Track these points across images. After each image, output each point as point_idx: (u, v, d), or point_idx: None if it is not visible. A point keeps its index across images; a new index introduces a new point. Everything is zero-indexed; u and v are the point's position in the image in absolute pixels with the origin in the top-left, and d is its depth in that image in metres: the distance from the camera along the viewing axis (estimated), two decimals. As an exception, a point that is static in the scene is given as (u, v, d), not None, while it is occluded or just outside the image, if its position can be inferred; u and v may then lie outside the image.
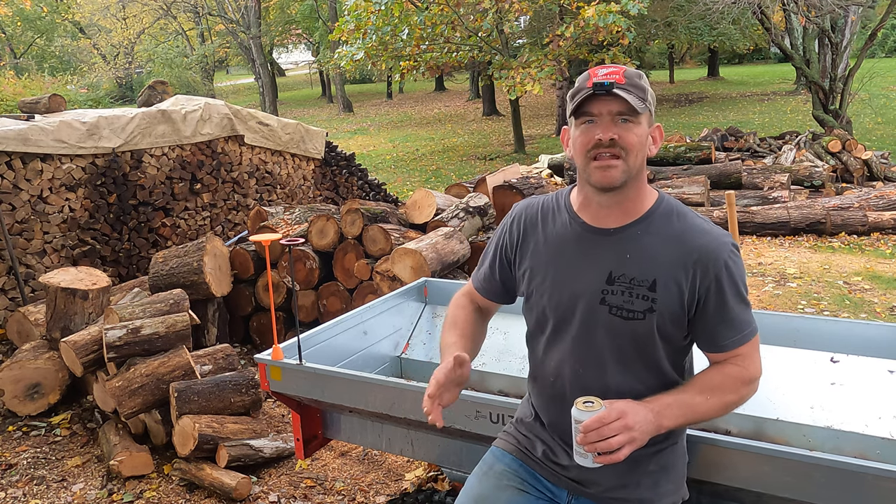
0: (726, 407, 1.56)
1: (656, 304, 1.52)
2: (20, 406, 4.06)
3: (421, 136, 19.36)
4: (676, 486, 1.66)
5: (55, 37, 29.91)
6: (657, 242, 1.55)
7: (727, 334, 1.56)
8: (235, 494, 3.30)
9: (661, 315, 1.53)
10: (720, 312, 1.54)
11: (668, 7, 17.91)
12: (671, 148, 10.37)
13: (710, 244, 1.54)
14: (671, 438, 1.63)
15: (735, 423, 2.43)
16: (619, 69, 1.52)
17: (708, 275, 1.52)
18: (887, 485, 1.59)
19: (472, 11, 13.42)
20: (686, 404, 1.52)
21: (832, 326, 2.57)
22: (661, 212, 1.59)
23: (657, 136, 1.62)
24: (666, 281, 1.52)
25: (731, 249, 1.55)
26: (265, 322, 5.05)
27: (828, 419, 2.32)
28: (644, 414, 1.45)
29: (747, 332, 1.56)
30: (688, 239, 1.54)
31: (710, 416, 1.55)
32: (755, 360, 1.58)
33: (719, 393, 1.53)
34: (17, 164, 4.96)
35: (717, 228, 1.59)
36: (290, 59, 52.50)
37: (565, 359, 1.62)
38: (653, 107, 1.57)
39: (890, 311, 5.46)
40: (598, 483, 1.62)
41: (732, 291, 1.54)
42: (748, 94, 23.53)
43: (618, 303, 1.54)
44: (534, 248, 1.68)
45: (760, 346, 1.63)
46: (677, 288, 1.53)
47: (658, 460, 1.61)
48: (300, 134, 6.93)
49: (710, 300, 1.54)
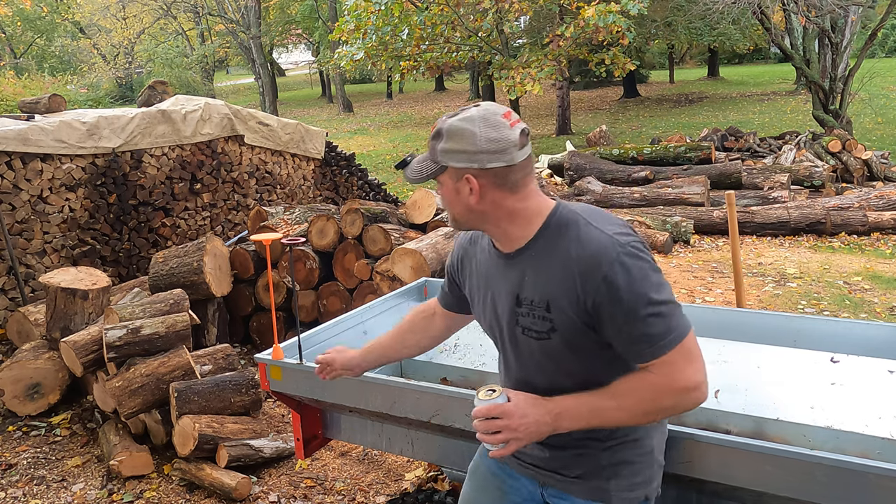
0: (646, 414, 1.47)
1: (555, 323, 1.49)
2: (20, 406, 4.06)
3: (421, 136, 19.36)
4: (635, 483, 1.60)
5: (55, 37, 29.94)
6: (548, 261, 1.50)
7: (638, 346, 1.43)
8: (235, 494, 3.30)
9: (563, 334, 1.49)
10: (624, 323, 1.42)
11: (668, 7, 17.92)
12: (671, 148, 10.38)
13: (595, 252, 1.42)
14: (619, 436, 1.57)
15: (735, 423, 2.43)
16: (434, 127, 1.55)
17: (595, 285, 1.42)
18: (888, 484, 1.58)
19: (472, 11, 13.43)
20: (592, 408, 1.47)
21: (832, 326, 2.57)
22: (552, 229, 1.51)
23: (473, 186, 1.50)
24: (558, 300, 1.47)
25: (620, 253, 1.41)
26: (265, 322, 5.05)
27: (828, 419, 2.32)
28: (536, 414, 1.46)
29: (664, 342, 1.41)
30: (573, 251, 1.46)
31: (624, 421, 1.49)
32: (683, 369, 1.42)
33: (633, 399, 1.45)
34: (17, 164, 4.96)
35: (610, 232, 1.45)
36: (290, 59, 52.53)
37: (509, 373, 1.68)
38: (459, 157, 1.49)
39: (890, 311, 5.46)
40: (555, 472, 1.64)
41: (631, 298, 1.40)
42: (748, 94, 23.53)
43: (527, 324, 1.54)
44: (469, 272, 1.73)
45: (762, 347, 1.62)
46: (569, 304, 1.46)
47: (610, 456, 1.58)
48: (300, 134, 6.93)
49: (605, 310, 1.42)
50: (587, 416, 1.48)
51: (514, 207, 1.52)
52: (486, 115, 1.48)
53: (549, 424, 1.47)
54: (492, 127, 1.47)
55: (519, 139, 1.48)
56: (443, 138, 1.51)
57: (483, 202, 1.51)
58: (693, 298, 5.86)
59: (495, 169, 1.48)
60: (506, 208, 1.52)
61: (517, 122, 1.49)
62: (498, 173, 1.48)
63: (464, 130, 1.48)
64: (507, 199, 1.51)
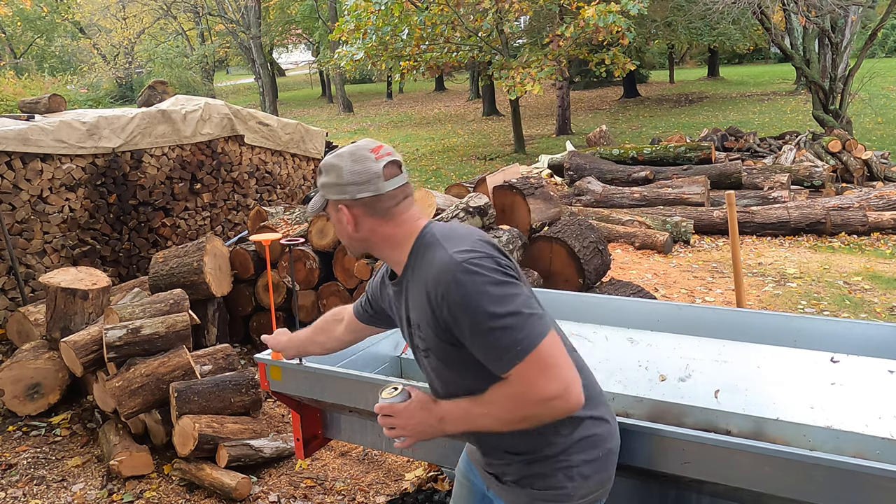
0: (510, 422, 1.51)
1: (428, 342, 1.59)
2: (20, 406, 4.06)
3: (421, 136, 19.37)
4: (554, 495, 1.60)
5: (55, 37, 29.94)
6: (416, 284, 1.59)
7: (490, 359, 1.47)
8: (235, 494, 3.30)
9: (435, 352, 1.59)
10: (472, 338, 1.47)
11: (668, 7, 17.92)
12: (671, 148, 10.37)
13: (437, 272, 1.49)
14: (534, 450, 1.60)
15: (735, 423, 2.43)
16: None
17: (440, 304, 1.48)
18: (887, 485, 1.59)
19: (472, 11, 13.42)
20: (466, 414, 1.55)
21: (832, 326, 2.57)
22: (418, 252, 1.60)
23: (347, 216, 1.62)
24: (424, 321, 1.56)
25: (456, 272, 1.46)
26: (265, 322, 5.05)
27: (828, 419, 2.32)
28: (421, 416, 1.58)
29: (511, 354, 1.43)
30: (426, 273, 1.54)
31: (495, 427, 1.54)
32: (535, 380, 1.43)
33: (497, 408, 1.50)
34: (17, 164, 4.96)
35: (452, 251, 1.50)
36: (290, 59, 52.53)
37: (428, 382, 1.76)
38: (333, 190, 1.62)
39: (890, 311, 5.46)
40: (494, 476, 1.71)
41: (469, 314, 1.44)
42: (748, 94, 23.53)
43: (417, 343, 1.66)
44: (385, 295, 1.83)
45: (762, 347, 1.62)
46: (429, 325, 1.55)
47: (527, 468, 1.62)
48: (300, 134, 6.93)
49: (454, 328, 1.49)
50: (463, 421, 1.57)
51: (389, 233, 1.63)
52: (354, 151, 1.61)
53: (434, 426, 1.58)
54: (356, 161, 1.59)
55: (384, 171, 1.58)
56: (322, 174, 1.65)
57: (360, 230, 1.63)
58: (693, 298, 5.86)
59: (364, 199, 1.59)
60: (381, 234, 1.63)
61: (385, 156, 1.60)
62: (367, 203, 1.60)
63: (333, 165, 1.62)
64: (382, 226, 1.62)
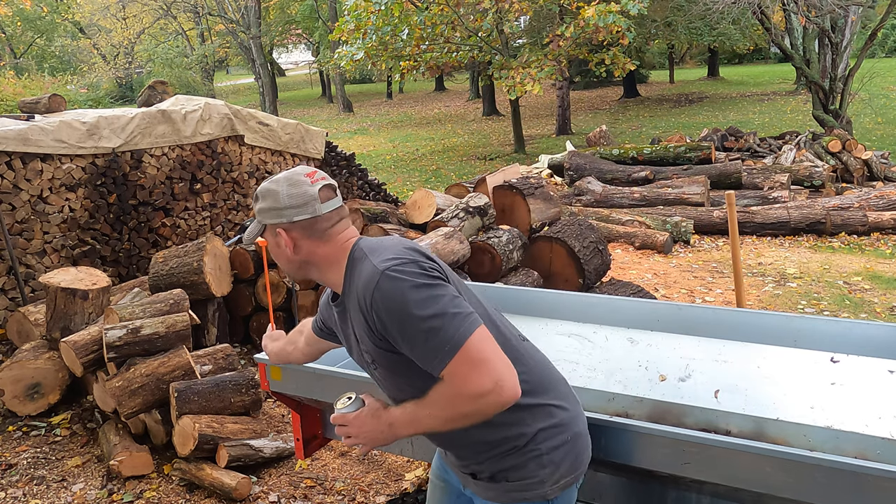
0: (452, 420, 1.54)
1: (372, 354, 1.63)
2: (20, 406, 4.05)
3: (421, 136, 19.37)
4: (527, 484, 1.64)
5: (55, 37, 29.92)
6: (352, 300, 1.62)
7: (424, 361, 1.51)
8: (235, 494, 3.30)
9: (379, 361, 1.63)
10: (403, 342, 1.51)
11: (668, 7, 17.92)
12: (671, 148, 10.37)
13: (364, 284, 1.54)
14: (506, 443, 1.64)
15: (735, 423, 2.43)
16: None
17: (371, 312, 1.52)
18: (887, 485, 1.58)
19: (472, 11, 13.42)
20: (414, 417, 1.58)
21: (832, 326, 2.56)
22: (351, 269, 1.63)
23: (285, 239, 1.66)
24: (363, 333, 1.60)
25: (379, 280, 1.50)
26: (265, 322, 5.05)
27: (828, 419, 2.32)
28: (372, 424, 1.62)
29: (441, 354, 1.47)
30: (356, 287, 1.58)
31: (440, 427, 1.57)
32: (467, 377, 1.46)
33: (438, 408, 1.53)
34: (17, 164, 4.96)
35: (376, 262, 1.54)
36: (290, 59, 52.53)
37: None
38: (270, 215, 1.65)
39: (890, 311, 5.46)
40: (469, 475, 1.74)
41: (396, 319, 1.49)
42: (748, 94, 23.53)
43: (364, 357, 1.70)
44: (331, 316, 1.84)
45: (762, 347, 1.62)
46: (368, 336, 1.58)
47: (501, 462, 1.66)
48: (300, 134, 6.93)
49: (388, 334, 1.53)
50: (411, 424, 1.60)
51: (327, 254, 1.66)
52: (290, 176, 1.66)
53: (385, 432, 1.62)
54: (293, 185, 1.63)
55: (320, 193, 1.63)
56: (258, 200, 1.68)
57: (299, 252, 1.66)
58: (693, 298, 5.86)
59: (302, 221, 1.63)
60: (320, 255, 1.66)
61: (320, 180, 1.65)
62: (305, 225, 1.64)
63: (270, 191, 1.65)
64: (320, 248, 1.65)
